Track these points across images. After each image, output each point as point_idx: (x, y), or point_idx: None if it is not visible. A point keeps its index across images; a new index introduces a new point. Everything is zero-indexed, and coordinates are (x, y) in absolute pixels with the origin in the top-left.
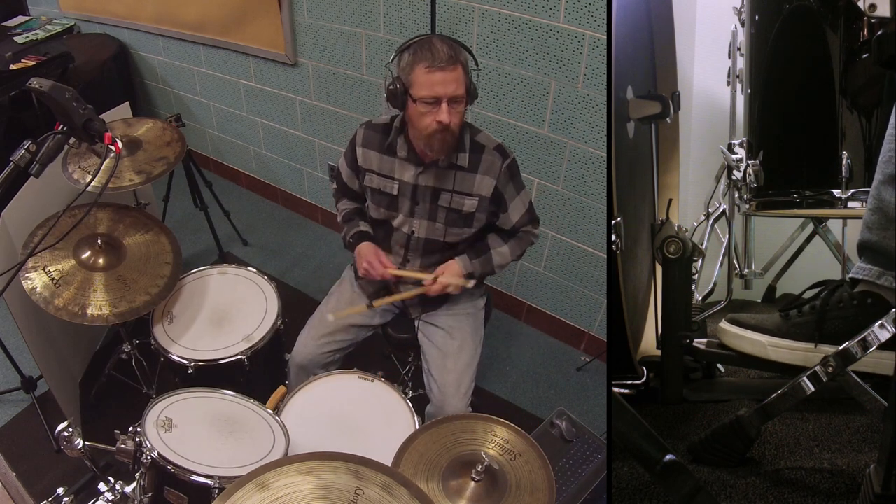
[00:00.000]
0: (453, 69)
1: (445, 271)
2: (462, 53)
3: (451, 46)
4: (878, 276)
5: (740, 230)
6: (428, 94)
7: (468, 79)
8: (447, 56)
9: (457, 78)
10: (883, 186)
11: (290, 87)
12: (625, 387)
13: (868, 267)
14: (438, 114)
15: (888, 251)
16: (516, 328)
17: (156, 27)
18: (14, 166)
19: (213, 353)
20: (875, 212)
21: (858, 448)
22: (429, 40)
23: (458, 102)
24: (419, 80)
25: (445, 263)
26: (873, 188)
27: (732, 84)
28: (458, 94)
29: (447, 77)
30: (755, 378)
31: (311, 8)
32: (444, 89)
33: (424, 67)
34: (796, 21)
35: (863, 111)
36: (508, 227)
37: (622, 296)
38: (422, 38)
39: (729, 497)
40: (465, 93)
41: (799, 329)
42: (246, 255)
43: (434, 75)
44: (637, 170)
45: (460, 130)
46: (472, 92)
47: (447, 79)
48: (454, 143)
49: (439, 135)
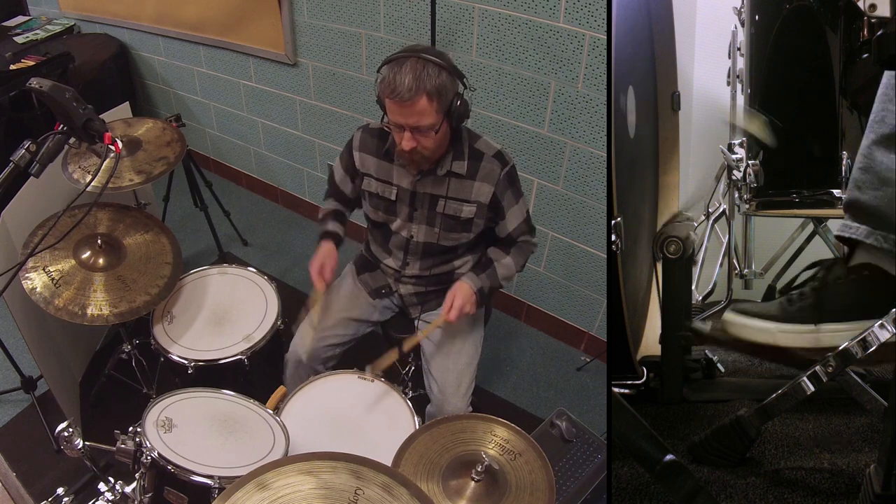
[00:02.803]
0: (412, 103)
1: (457, 294)
2: (433, 80)
3: (416, 76)
4: (866, 235)
5: (740, 230)
6: (393, 121)
7: (444, 102)
8: (407, 89)
9: (419, 110)
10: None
11: (290, 87)
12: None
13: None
14: (403, 140)
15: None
16: (516, 328)
17: (156, 27)
18: (14, 166)
19: (213, 353)
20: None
21: (858, 448)
22: (399, 66)
23: (424, 129)
24: (388, 106)
25: (454, 287)
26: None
27: (732, 84)
28: (421, 125)
29: (406, 111)
30: (755, 378)
31: (311, 8)
32: (406, 120)
33: (387, 97)
34: (796, 21)
35: (863, 111)
36: (504, 234)
37: (622, 296)
38: (398, 58)
39: (729, 497)
40: (436, 120)
41: (803, 312)
42: (246, 255)
43: (396, 106)
44: (637, 170)
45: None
46: (454, 114)
47: (406, 112)
48: (428, 163)
49: (407, 155)
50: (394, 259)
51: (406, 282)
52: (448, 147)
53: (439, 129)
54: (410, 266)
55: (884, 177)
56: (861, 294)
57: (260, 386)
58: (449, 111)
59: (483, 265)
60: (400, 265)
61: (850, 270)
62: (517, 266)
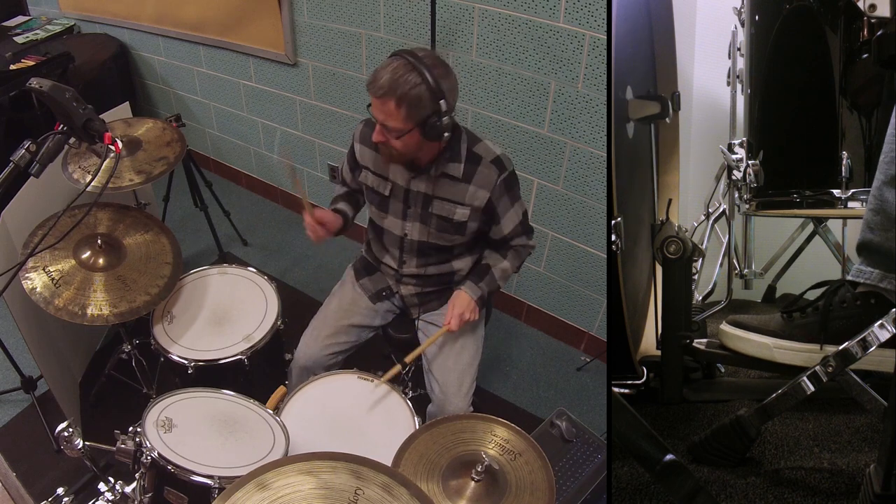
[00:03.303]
0: (381, 101)
1: (456, 304)
2: (407, 88)
3: (392, 79)
4: (879, 280)
5: (740, 230)
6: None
7: (415, 114)
8: (380, 86)
9: (386, 110)
10: (885, 187)
11: (290, 87)
12: (625, 387)
13: (868, 270)
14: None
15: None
16: (516, 328)
17: (156, 27)
18: (14, 166)
19: (213, 353)
20: (877, 212)
21: (858, 448)
22: (387, 63)
23: (393, 131)
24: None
25: (453, 296)
26: (874, 188)
27: (732, 84)
28: (388, 125)
29: (376, 105)
30: (755, 378)
31: (311, 8)
32: (375, 114)
33: (367, 85)
34: (796, 21)
35: (863, 111)
36: (499, 237)
37: (622, 296)
38: (396, 54)
39: (729, 497)
40: (403, 126)
41: (803, 330)
42: (246, 255)
43: (371, 97)
44: (637, 170)
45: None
46: (428, 129)
47: (376, 107)
48: (400, 161)
49: (383, 148)
50: (391, 257)
51: (406, 282)
52: (444, 149)
53: (404, 136)
54: (407, 264)
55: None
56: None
57: (260, 386)
58: (424, 124)
59: (480, 272)
60: (397, 263)
61: (856, 296)
62: (513, 268)
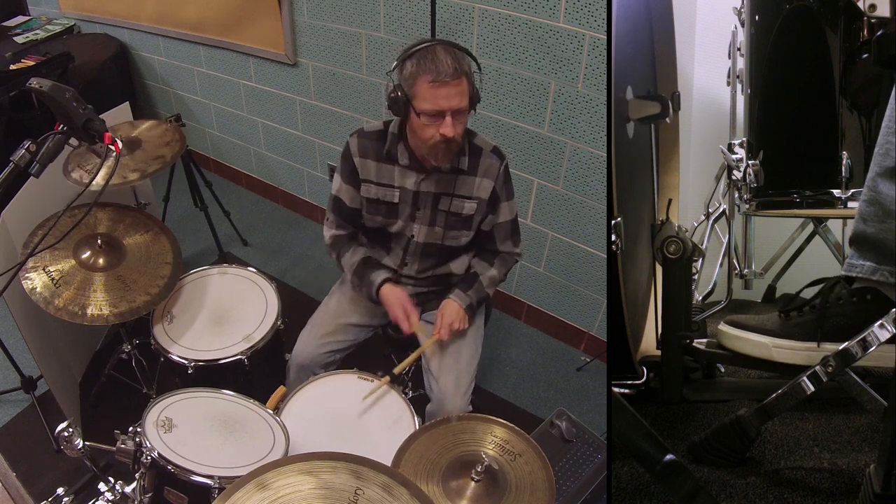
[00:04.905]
0: (458, 83)
1: (445, 313)
2: (466, 62)
3: (454, 58)
4: (872, 272)
5: (740, 230)
6: (432, 108)
7: (472, 87)
8: (452, 70)
9: (461, 91)
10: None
11: (290, 87)
12: (625, 387)
13: (861, 263)
14: (442, 127)
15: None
16: (516, 328)
17: (156, 27)
18: (14, 166)
19: (213, 353)
20: (871, 203)
21: (858, 448)
22: (433, 51)
23: (461, 114)
24: (423, 93)
25: (442, 305)
26: (869, 179)
27: (732, 84)
28: (462, 107)
29: (451, 91)
30: (755, 378)
31: (311, 8)
32: (449, 103)
33: (428, 81)
34: (796, 21)
35: (863, 111)
36: (490, 227)
37: (622, 296)
38: (425, 46)
39: (729, 497)
40: (468, 104)
41: (800, 329)
42: (246, 255)
43: (439, 90)
44: (637, 170)
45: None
46: (475, 98)
47: (451, 93)
48: (459, 151)
49: (443, 145)
50: (392, 258)
51: (406, 282)
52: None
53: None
54: (409, 266)
55: (888, 209)
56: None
57: (260, 386)
58: (472, 100)
59: (469, 280)
60: (398, 265)
61: (852, 292)
62: (501, 276)
